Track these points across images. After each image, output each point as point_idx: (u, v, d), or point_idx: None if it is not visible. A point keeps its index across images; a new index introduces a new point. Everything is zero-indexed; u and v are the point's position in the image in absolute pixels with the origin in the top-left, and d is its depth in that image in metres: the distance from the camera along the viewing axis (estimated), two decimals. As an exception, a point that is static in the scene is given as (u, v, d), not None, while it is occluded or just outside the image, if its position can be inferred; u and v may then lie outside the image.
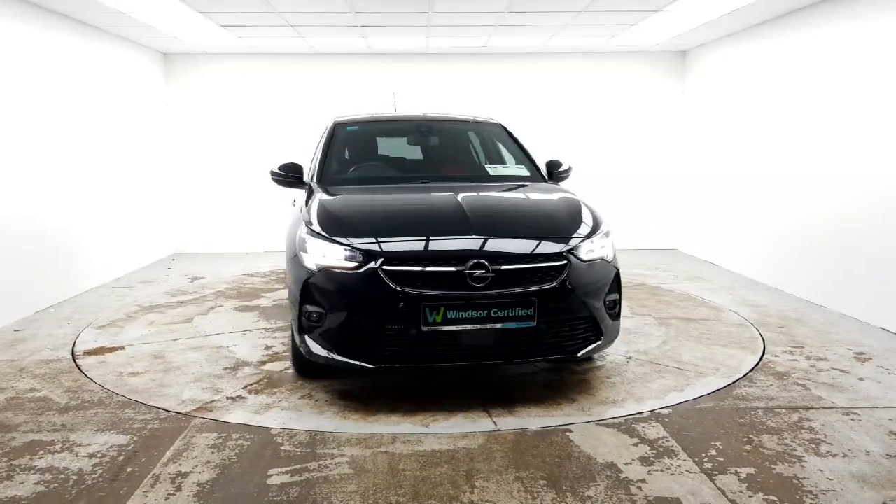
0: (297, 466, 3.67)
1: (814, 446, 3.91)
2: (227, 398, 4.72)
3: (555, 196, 5.36)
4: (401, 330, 4.31)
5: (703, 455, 3.80)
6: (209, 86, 10.85)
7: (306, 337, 4.51)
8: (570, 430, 4.12)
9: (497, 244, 4.54)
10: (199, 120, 10.86)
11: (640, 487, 3.43)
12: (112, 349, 5.87)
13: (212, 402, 4.66)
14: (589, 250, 4.66)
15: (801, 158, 7.67)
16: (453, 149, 6.59)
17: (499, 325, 4.33)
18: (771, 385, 4.89)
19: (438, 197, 5.16)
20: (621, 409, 4.47)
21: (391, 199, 5.33)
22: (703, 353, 5.58)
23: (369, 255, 4.36)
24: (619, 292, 4.86)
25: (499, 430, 4.16)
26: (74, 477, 3.56)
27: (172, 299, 7.62)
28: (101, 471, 3.63)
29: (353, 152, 6.34)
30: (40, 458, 3.79)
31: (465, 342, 4.38)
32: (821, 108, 7.32)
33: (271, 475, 3.57)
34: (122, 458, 3.78)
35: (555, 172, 6.02)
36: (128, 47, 9.44)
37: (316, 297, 4.45)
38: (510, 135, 6.39)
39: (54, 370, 5.26)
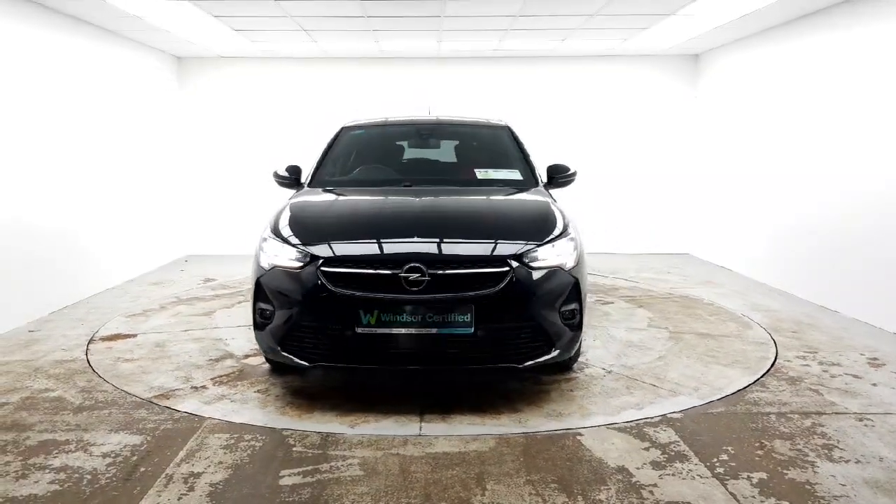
0: (309, 468, 3.69)
1: (826, 452, 3.89)
2: (191, 388, 4.96)
3: (528, 201, 5.27)
4: (337, 330, 4.37)
5: (715, 460, 3.79)
6: (222, 89, 10.90)
7: (259, 333, 4.70)
8: (581, 434, 4.12)
9: (437, 249, 4.55)
10: (211, 123, 10.91)
11: (651, 492, 3.43)
12: (125, 336, 6.26)
13: (174, 390, 4.91)
14: (541, 258, 4.52)
15: (814, 162, 7.64)
16: (451, 152, 6.57)
17: (434, 331, 4.30)
18: (784, 390, 4.87)
19: (400, 201, 5.21)
20: (561, 423, 4.28)
21: (355, 203, 5.44)
22: (696, 371, 5.23)
23: (312, 257, 4.48)
24: (580, 302, 4.61)
25: (422, 434, 4.16)
26: (88, 476, 3.59)
27: (192, 296, 7.67)
28: (114, 470, 3.65)
29: (351, 156, 6.44)
30: (55, 457, 3.82)
31: (402, 346, 4.39)
32: (833, 112, 7.29)
33: (283, 476, 3.59)
34: (135, 457, 3.80)
35: (556, 177, 5.93)
36: (142, 51, 9.50)
37: (266, 294, 4.60)
38: (514, 138, 6.32)
39: (68, 370, 5.30)
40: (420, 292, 4.28)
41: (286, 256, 4.60)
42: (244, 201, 10.82)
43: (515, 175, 5.91)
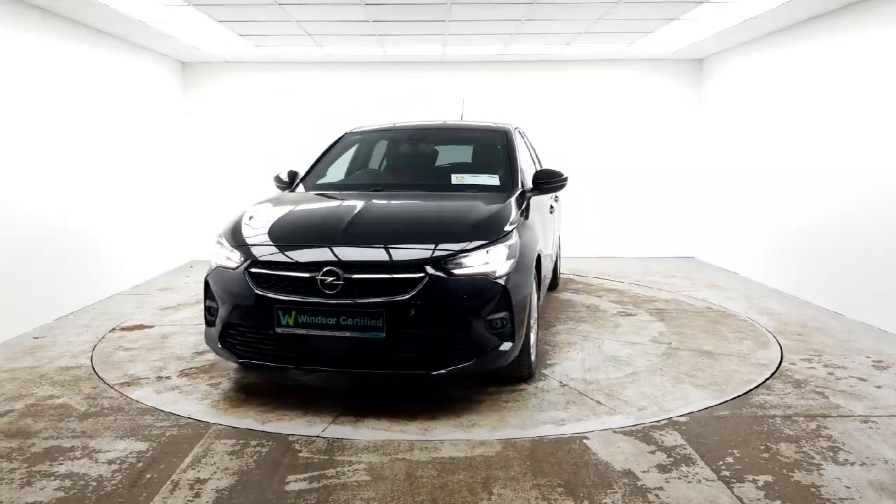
0: (315, 473, 3.69)
1: (832, 454, 3.89)
2: (156, 378, 5.30)
3: (477, 207, 5.09)
4: (261, 330, 4.53)
5: (721, 463, 3.78)
6: (227, 94, 10.93)
7: (207, 329, 4.94)
8: (587, 438, 4.12)
9: (355, 253, 4.57)
10: (216, 128, 10.93)
11: (657, 495, 3.42)
12: (141, 327, 6.80)
13: (140, 379, 5.27)
14: (466, 264, 4.45)
15: (819, 165, 7.63)
16: (442, 157, 6.54)
17: (348, 334, 4.35)
18: (789, 393, 4.86)
19: (346, 207, 5.21)
20: (467, 434, 4.20)
21: (302, 208, 5.47)
22: (658, 390, 4.92)
23: (244, 259, 4.67)
24: (510, 311, 4.50)
25: (325, 435, 4.20)
26: (94, 483, 3.59)
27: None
28: (120, 477, 3.66)
29: (346, 160, 6.57)
30: (60, 464, 3.82)
31: (318, 347, 4.47)
32: (837, 115, 7.29)
33: (289, 482, 3.59)
34: (141, 464, 3.81)
35: (541, 183, 5.79)
36: (147, 56, 9.53)
37: (211, 292, 4.85)
38: (507, 142, 6.19)
39: (74, 377, 5.31)
40: (335, 296, 4.35)
41: (225, 257, 4.80)
42: (248, 206, 10.81)
43: (493, 180, 5.79)
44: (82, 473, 3.70)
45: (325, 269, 4.39)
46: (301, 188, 6.12)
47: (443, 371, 4.38)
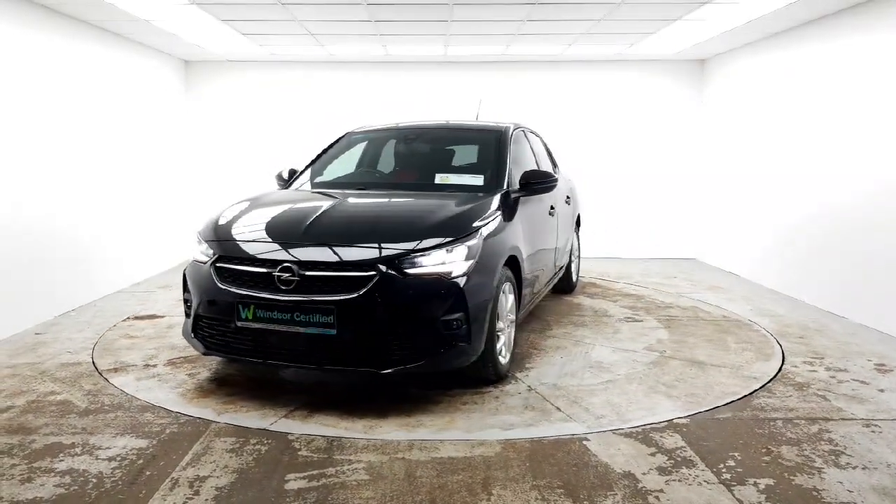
0: (315, 472, 3.69)
1: (833, 458, 3.88)
2: (144, 366, 5.53)
3: (446, 207, 5.06)
4: (224, 322, 4.67)
5: (722, 465, 3.78)
6: (229, 93, 10.93)
7: (185, 320, 5.12)
8: (587, 439, 4.11)
9: (312, 252, 4.60)
10: (218, 126, 10.93)
11: (657, 497, 3.42)
12: (153, 317, 7.09)
13: (129, 366, 5.51)
14: (421, 264, 4.46)
15: (821, 167, 7.63)
16: (430, 158, 6.52)
17: (302, 330, 4.43)
18: (790, 396, 4.86)
19: (313, 205, 5.30)
20: (410, 434, 4.18)
21: (278, 206, 5.51)
22: (628, 399, 4.77)
23: (212, 253, 4.86)
24: (466, 312, 4.49)
25: (273, 428, 4.26)
26: (94, 480, 3.59)
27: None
28: (120, 474, 3.65)
29: (342, 160, 6.61)
30: (60, 460, 3.82)
31: (275, 342, 4.56)
32: (840, 117, 7.28)
33: (289, 480, 3.59)
34: (141, 461, 3.81)
35: (529, 184, 5.75)
36: (149, 55, 9.53)
37: (187, 285, 5.07)
38: (501, 142, 6.15)
39: (75, 373, 5.31)
40: (290, 292, 4.44)
41: (199, 252, 5.00)
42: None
43: (477, 181, 5.77)
44: (82, 470, 3.70)
45: (282, 265, 4.49)
46: (295, 186, 6.27)
47: (391, 370, 4.40)
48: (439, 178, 5.96)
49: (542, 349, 5.98)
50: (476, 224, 4.83)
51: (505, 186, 5.64)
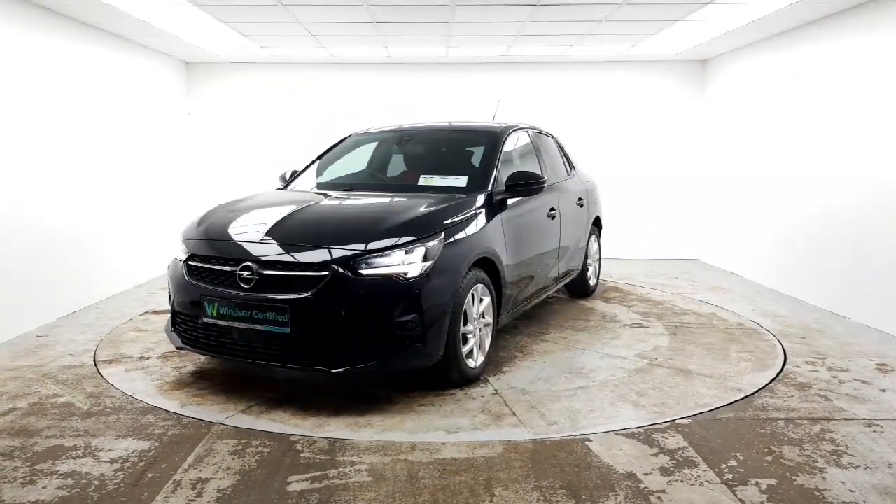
0: (317, 473, 3.69)
1: (835, 458, 3.88)
2: (138, 358, 5.79)
3: (413, 208, 5.08)
4: (194, 318, 4.87)
5: (724, 466, 3.78)
6: (231, 94, 10.93)
7: (169, 316, 5.28)
8: (589, 440, 4.11)
9: (272, 251, 4.71)
10: (220, 128, 10.94)
11: (659, 498, 3.42)
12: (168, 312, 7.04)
13: (125, 358, 5.79)
14: (376, 265, 4.50)
15: (822, 168, 7.62)
16: (423, 159, 6.54)
17: (260, 327, 4.54)
18: (792, 396, 4.85)
19: (285, 206, 5.40)
20: (354, 433, 4.21)
21: (254, 207, 5.61)
22: (588, 406, 4.65)
23: (187, 251, 5.06)
24: (421, 313, 4.50)
25: (227, 422, 4.33)
26: (96, 482, 3.59)
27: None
28: (122, 476, 3.66)
29: (342, 161, 6.70)
30: (62, 462, 3.83)
31: (237, 339, 4.67)
32: (841, 118, 7.28)
33: (291, 482, 3.59)
34: (143, 463, 3.81)
35: (513, 186, 5.71)
36: (151, 56, 9.54)
37: (168, 282, 5.23)
38: (494, 144, 6.12)
39: (77, 376, 5.32)
40: (250, 290, 4.58)
41: (179, 249, 5.17)
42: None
43: (460, 182, 5.74)
44: (84, 472, 3.70)
45: (243, 264, 4.63)
46: (292, 187, 6.44)
47: (342, 369, 4.44)
48: (423, 180, 6.00)
49: (529, 353, 5.92)
50: (438, 226, 4.83)
51: (489, 188, 5.62)
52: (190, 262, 4.97)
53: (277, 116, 10.92)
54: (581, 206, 7.56)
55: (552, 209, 6.60)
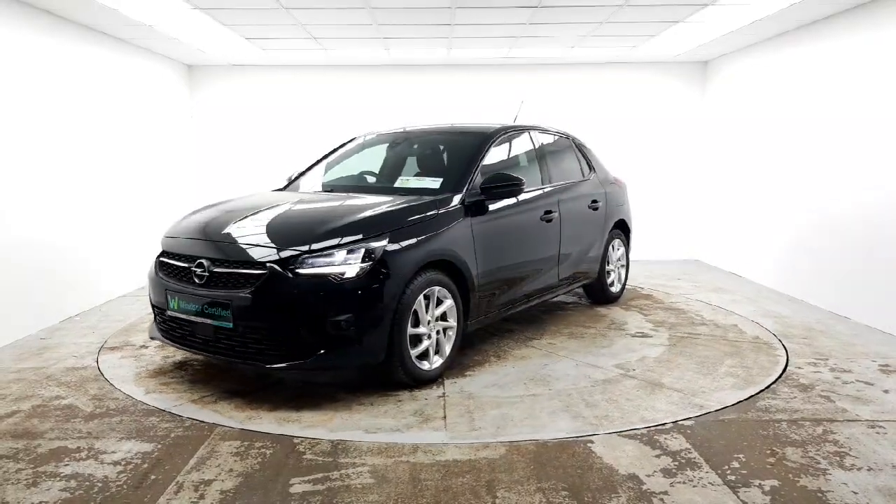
0: (319, 475, 3.69)
1: (838, 459, 3.87)
2: (139, 346, 6.19)
3: (365, 209, 5.16)
4: (162, 311, 5.17)
5: (726, 467, 3.77)
6: (232, 97, 10.94)
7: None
8: (591, 441, 4.11)
9: (223, 250, 4.92)
10: (222, 131, 10.95)
11: (662, 500, 3.41)
12: None
13: (127, 346, 6.22)
14: (311, 264, 4.58)
15: (824, 168, 7.62)
16: (412, 161, 6.60)
17: (209, 321, 4.76)
18: (795, 397, 4.85)
19: (250, 206, 5.62)
20: (280, 427, 4.34)
21: (228, 207, 5.78)
22: (524, 416, 4.52)
23: (161, 248, 5.43)
24: (357, 313, 4.57)
25: (174, 411, 4.41)
26: (99, 484, 3.60)
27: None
28: (125, 478, 3.66)
29: (340, 164, 6.81)
30: (66, 465, 3.83)
31: (196, 332, 4.92)
32: (843, 119, 7.27)
33: (293, 484, 3.59)
34: (146, 465, 3.81)
35: (489, 189, 5.68)
36: (153, 59, 9.55)
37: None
38: (480, 146, 6.09)
39: (80, 378, 5.33)
40: (202, 286, 4.82)
41: (160, 246, 5.48)
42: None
43: (434, 184, 5.78)
44: (88, 474, 3.71)
45: (198, 261, 4.89)
46: (291, 188, 6.65)
47: (278, 366, 4.57)
48: (399, 182, 6.12)
49: (505, 357, 5.85)
50: (383, 227, 4.88)
51: (464, 190, 5.61)
52: (161, 258, 5.31)
53: (279, 119, 10.92)
54: (596, 209, 7.35)
55: (548, 212, 6.46)
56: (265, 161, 10.74)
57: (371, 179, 6.51)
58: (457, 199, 5.50)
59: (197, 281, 4.85)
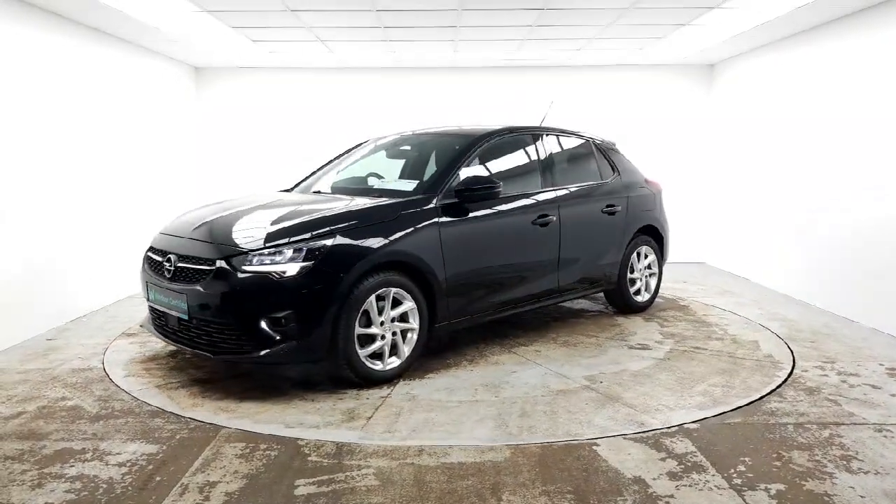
0: (324, 477, 3.69)
1: (845, 463, 3.86)
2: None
3: (319, 211, 5.27)
4: (146, 301, 5.55)
5: (732, 470, 3.76)
6: (239, 99, 10.95)
7: None
8: (597, 444, 4.10)
9: (188, 246, 5.20)
10: (229, 133, 10.96)
11: (668, 503, 3.40)
12: None
13: (138, 333, 6.62)
14: (255, 262, 4.78)
15: (831, 172, 7.60)
16: (406, 164, 6.66)
17: (173, 312, 5.10)
18: (801, 400, 4.83)
19: (231, 206, 5.89)
20: (212, 417, 4.57)
21: (215, 208, 5.96)
22: (451, 420, 4.49)
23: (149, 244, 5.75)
24: (296, 311, 4.70)
25: (137, 395, 4.88)
26: (104, 485, 3.60)
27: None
28: (130, 479, 3.67)
29: (340, 166, 6.93)
30: (71, 466, 3.84)
31: (168, 322, 5.27)
32: (850, 120, 7.25)
33: (298, 486, 3.59)
34: (151, 466, 3.82)
35: (463, 192, 5.63)
36: (160, 62, 9.56)
37: None
38: (466, 149, 6.05)
39: (86, 379, 5.33)
40: (170, 279, 5.16)
41: None
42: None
43: (408, 186, 5.86)
44: (93, 476, 3.71)
45: (168, 256, 5.24)
46: (289, 189, 6.85)
47: (223, 357, 4.89)
48: (380, 184, 6.31)
49: (477, 362, 5.77)
50: (332, 228, 4.99)
51: (440, 193, 5.62)
52: (147, 253, 5.66)
53: (286, 121, 10.93)
54: (611, 213, 7.06)
55: (543, 216, 6.28)
56: (273, 163, 10.75)
57: (373, 181, 6.52)
58: (429, 201, 5.53)
59: (166, 275, 5.20)
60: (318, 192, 6.42)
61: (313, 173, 7.04)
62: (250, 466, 3.82)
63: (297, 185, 6.87)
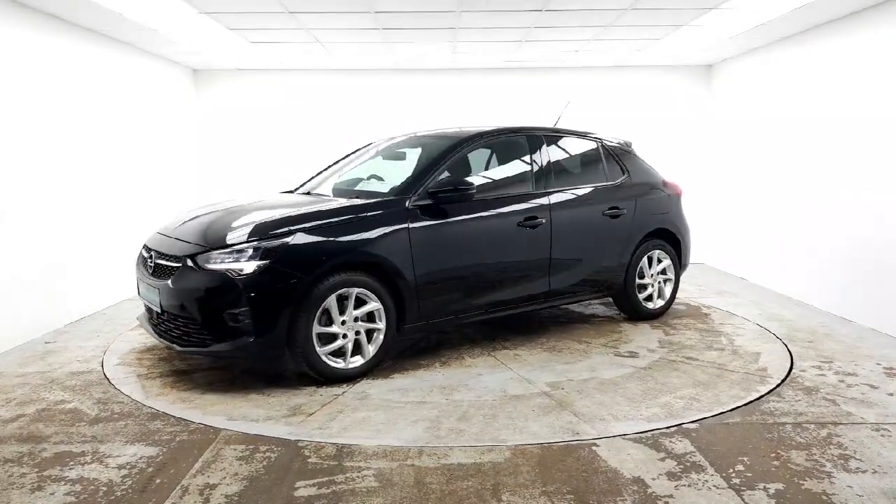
0: (324, 479, 3.69)
1: (843, 462, 3.87)
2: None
3: (285, 210, 5.46)
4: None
5: (731, 470, 3.77)
6: (237, 101, 10.94)
7: None
8: (596, 445, 4.11)
9: (167, 244, 5.45)
10: (227, 134, 10.95)
11: (667, 503, 3.41)
12: None
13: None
14: (215, 260, 4.98)
15: (829, 171, 7.61)
16: (395, 166, 6.67)
17: (153, 306, 5.37)
18: (799, 400, 4.85)
19: (217, 205, 6.16)
20: (169, 407, 4.83)
21: (204, 209, 6.17)
22: (388, 420, 4.53)
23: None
24: (251, 308, 4.83)
25: (123, 389, 4.54)
26: (104, 488, 3.60)
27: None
28: (130, 482, 3.67)
29: (342, 168, 7.01)
30: (70, 468, 3.84)
31: (151, 316, 5.55)
32: (849, 120, 7.26)
33: (298, 487, 3.60)
34: (151, 469, 3.82)
35: (435, 192, 5.64)
36: (159, 63, 9.56)
37: None
38: (450, 150, 6.05)
39: (85, 382, 5.34)
40: (151, 275, 5.42)
41: None
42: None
43: (384, 188, 6.02)
44: (92, 478, 3.72)
45: (151, 253, 5.51)
46: (290, 191, 6.97)
47: (188, 350, 5.10)
48: (362, 185, 6.45)
49: (449, 364, 5.74)
50: (290, 227, 5.10)
51: (414, 195, 5.63)
52: (141, 250, 5.86)
53: (285, 123, 10.92)
54: (615, 216, 6.80)
55: (531, 218, 6.15)
56: (272, 164, 10.75)
57: (366, 184, 6.52)
58: (402, 203, 5.55)
59: (149, 271, 5.48)
60: (319, 193, 6.44)
61: (318, 174, 7.11)
62: (250, 468, 3.83)
63: (300, 187, 6.92)
